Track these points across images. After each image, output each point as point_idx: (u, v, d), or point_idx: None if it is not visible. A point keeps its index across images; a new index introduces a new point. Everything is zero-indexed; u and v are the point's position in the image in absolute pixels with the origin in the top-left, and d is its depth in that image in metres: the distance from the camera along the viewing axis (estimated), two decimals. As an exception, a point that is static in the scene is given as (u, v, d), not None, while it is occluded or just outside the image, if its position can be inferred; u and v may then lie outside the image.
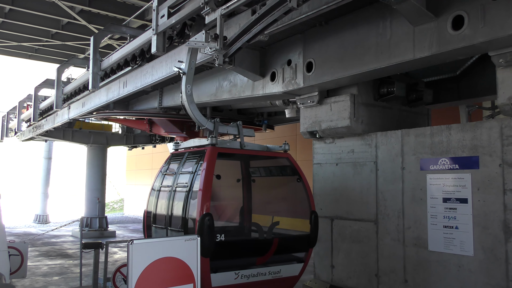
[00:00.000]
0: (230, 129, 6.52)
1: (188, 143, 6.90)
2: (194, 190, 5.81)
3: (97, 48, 9.88)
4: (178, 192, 6.18)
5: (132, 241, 4.50)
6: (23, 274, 7.57)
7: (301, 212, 6.81)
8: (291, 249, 6.65)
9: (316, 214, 6.46)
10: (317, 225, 6.47)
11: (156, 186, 6.86)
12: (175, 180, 6.38)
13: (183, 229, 5.85)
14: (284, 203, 7.56)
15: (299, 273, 6.47)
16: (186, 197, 5.92)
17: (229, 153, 6.51)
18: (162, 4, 6.69)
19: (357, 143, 6.66)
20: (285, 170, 7.09)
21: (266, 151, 6.69)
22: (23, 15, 15.77)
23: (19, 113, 20.00)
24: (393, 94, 6.70)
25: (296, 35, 6.64)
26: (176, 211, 6.10)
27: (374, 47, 5.52)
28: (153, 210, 6.76)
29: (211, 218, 5.42)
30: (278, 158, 6.81)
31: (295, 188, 6.95)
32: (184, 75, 6.42)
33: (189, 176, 6.06)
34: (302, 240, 6.54)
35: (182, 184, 6.15)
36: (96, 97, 11.89)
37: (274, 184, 7.77)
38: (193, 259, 4.82)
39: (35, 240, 16.26)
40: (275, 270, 6.16)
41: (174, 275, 4.71)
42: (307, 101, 6.95)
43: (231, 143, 6.46)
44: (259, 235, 6.70)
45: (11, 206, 33.60)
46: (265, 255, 6.16)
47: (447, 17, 4.75)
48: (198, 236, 4.95)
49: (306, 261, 6.49)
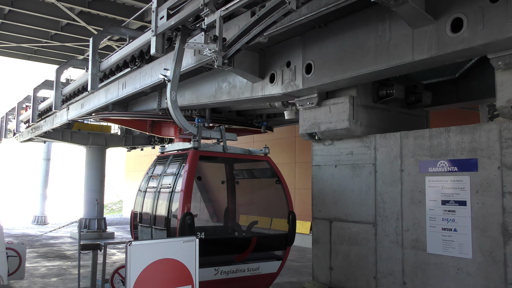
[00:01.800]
0: (213, 133, 6.85)
1: (172, 146, 7.26)
2: (176, 191, 6.12)
3: (96, 50, 9.88)
4: (162, 193, 6.48)
5: (131, 243, 4.50)
6: (21, 276, 7.57)
7: (280, 212, 7.10)
8: (270, 247, 6.99)
9: (293, 214, 6.81)
10: (295, 225, 6.82)
11: (142, 187, 7.19)
12: (159, 182, 6.69)
13: (166, 228, 6.14)
14: (264, 203, 7.91)
15: (277, 270, 6.78)
16: (169, 197, 6.23)
17: (212, 156, 6.83)
18: (161, 6, 6.69)
19: (356, 145, 6.66)
20: (266, 173, 7.44)
21: (247, 154, 7.00)
22: (22, 16, 15.76)
23: (18, 114, 19.98)
24: (392, 96, 6.70)
25: (295, 37, 6.65)
26: (160, 211, 6.44)
27: (373, 49, 5.53)
28: (139, 210, 7.09)
29: (191, 217, 5.79)
30: (258, 161, 7.18)
31: (274, 190, 7.24)
32: (169, 82, 6.82)
33: (172, 177, 6.36)
34: (280, 239, 6.83)
35: (166, 185, 6.46)
36: (95, 98, 11.89)
37: (255, 185, 8.13)
38: (191, 260, 4.82)
39: (33, 241, 16.22)
40: (253, 267, 6.49)
41: (172, 277, 4.70)
42: (306, 103, 6.95)
43: (214, 147, 6.77)
44: (238, 234, 7.14)
45: (10, 207, 33.55)
46: (244, 253, 6.47)
47: (446, 20, 4.75)
48: (196, 238, 4.94)
49: (284, 259, 6.78)
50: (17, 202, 39.96)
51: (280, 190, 6.95)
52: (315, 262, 7.17)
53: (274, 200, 7.50)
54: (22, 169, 56.77)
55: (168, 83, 6.90)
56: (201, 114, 10.52)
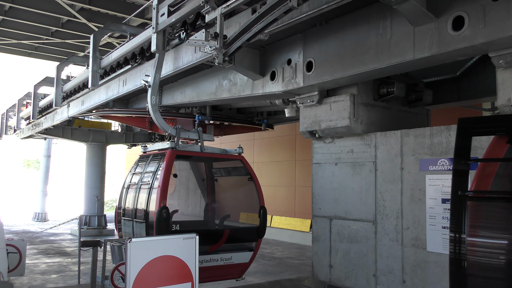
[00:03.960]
0: (191, 134, 7.46)
1: (153, 146, 7.85)
2: (154, 187, 6.72)
3: (97, 46, 9.87)
4: (142, 189, 7.10)
5: (131, 239, 4.50)
6: (21, 272, 7.56)
7: (252, 207, 7.78)
8: (242, 239, 7.61)
9: (264, 209, 7.47)
10: (265, 218, 7.49)
11: (126, 184, 7.78)
12: (140, 179, 7.32)
13: (145, 221, 6.80)
14: (238, 199, 8.65)
15: (249, 260, 7.44)
16: (148, 193, 6.85)
17: (189, 155, 7.48)
18: (162, 3, 6.68)
19: (357, 143, 6.65)
20: (239, 171, 8.05)
21: (221, 154, 7.65)
22: (23, 13, 15.76)
23: (19, 111, 20.00)
24: (393, 95, 6.69)
25: (296, 35, 6.63)
26: (140, 205, 7.07)
27: (374, 47, 5.52)
28: (122, 206, 7.69)
29: (167, 210, 6.40)
30: (233, 160, 7.84)
31: (248, 186, 7.89)
32: (150, 87, 7.41)
33: (151, 175, 6.97)
34: (252, 232, 7.49)
35: (146, 182, 7.07)
36: (96, 95, 11.88)
37: (230, 182, 8.79)
38: (191, 257, 4.82)
39: (33, 238, 16.25)
40: (226, 257, 7.08)
41: (172, 274, 4.71)
42: (307, 101, 6.94)
43: (192, 147, 7.36)
44: (211, 226, 8.00)
45: (10, 204, 33.58)
46: (217, 244, 7.13)
47: (447, 18, 4.74)
48: (196, 235, 4.95)
49: (255, 250, 7.48)
50: (18, 199, 39.99)
51: (253, 187, 7.58)
52: (315, 259, 7.18)
53: (247, 196, 8.11)
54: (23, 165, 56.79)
55: (148, 89, 7.44)
56: (202, 112, 10.52)
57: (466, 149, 3.07)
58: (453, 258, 2.80)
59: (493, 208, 2.91)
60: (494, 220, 2.87)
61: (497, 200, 2.89)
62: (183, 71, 8.00)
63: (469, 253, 2.73)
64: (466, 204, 2.89)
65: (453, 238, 2.83)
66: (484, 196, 2.90)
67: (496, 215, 2.88)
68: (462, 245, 2.78)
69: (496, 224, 2.84)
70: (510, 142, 2.92)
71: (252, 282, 9.23)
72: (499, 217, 2.85)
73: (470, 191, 2.91)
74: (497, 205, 2.89)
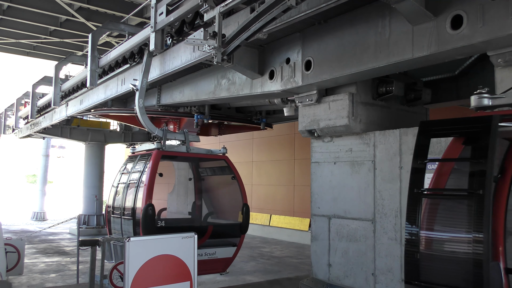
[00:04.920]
0: (177, 136, 7.88)
1: (141, 147, 8.24)
2: (141, 186, 7.08)
3: (95, 46, 9.85)
4: (130, 187, 7.46)
5: (129, 239, 4.50)
6: (20, 271, 7.56)
7: (235, 204, 8.16)
8: (225, 235, 7.98)
9: (247, 206, 7.85)
10: (248, 215, 7.84)
11: (115, 183, 8.15)
12: (128, 178, 7.68)
13: (132, 217, 7.15)
14: (222, 197, 9.08)
15: (233, 255, 7.77)
16: (135, 191, 7.21)
17: (174, 155, 7.87)
18: (160, 2, 6.67)
19: (355, 142, 6.65)
20: (224, 170, 8.45)
21: (206, 154, 8.06)
22: (21, 12, 15.72)
23: (17, 110, 19.96)
24: (392, 94, 6.69)
25: (295, 34, 6.63)
26: (127, 202, 7.42)
27: (373, 46, 5.52)
28: (111, 203, 8.06)
29: (152, 207, 6.76)
30: (217, 160, 8.26)
31: (231, 185, 8.30)
32: (137, 91, 7.86)
33: (138, 174, 7.33)
34: (235, 228, 7.90)
35: (133, 180, 7.42)
36: (94, 94, 11.86)
37: (215, 181, 9.18)
38: (190, 256, 4.82)
39: (32, 237, 16.24)
40: (210, 252, 7.36)
41: (171, 273, 4.71)
42: (306, 100, 6.94)
43: (178, 147, 7.74)
44: (196, 223, 8.38)
45: (9, 204, 33.53)
46: (201, 239, 7.35)
47: (446, 17, 4.74)
48: (195, 234, 4.95)
49: (238, 246, 7.81)
50: (16, 198, 39.95)
51: (236, 185, 8.01)
52: (314, 258, 7.18)
53: (231, 194, 8.50)
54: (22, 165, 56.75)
55: (136, 92, 7.89)
56: (201, 111, 10.51)
57: (424, 150, 3.23)
58: (408, 250, 2.98)
59: (445, 205, 3.06)
60: (445, 215, 3.02)
61: (447, 197, 3.07)
62: (182, 70, 7.99)
63: (422, 244, 2.94)
64: (421, 200, 3.06)
65: (409, 232, 3.03)
66: (435, 194, 3.09)
67: (447, 211, 3.03)
68: (416, 237, 2.96)
69: (446, 219, 3.00)
70: (465, 143, 3.08)
71: (251, 281, 9.24)
72: (450, 213, 3.00)
73: (424, 189, 3.08)
74: (448, 201, 3.06)
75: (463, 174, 2.97)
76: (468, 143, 3.07)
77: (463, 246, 2.80)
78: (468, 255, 2.73)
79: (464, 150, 3.08)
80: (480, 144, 2.90)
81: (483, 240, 2.68)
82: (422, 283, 2.87)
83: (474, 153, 2.94)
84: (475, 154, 2.91)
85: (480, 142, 2.92)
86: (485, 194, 2.74)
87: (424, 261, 2.90)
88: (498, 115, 3.02)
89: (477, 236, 2.71)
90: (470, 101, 3.31)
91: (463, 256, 2.79)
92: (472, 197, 2.80)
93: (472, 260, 2.71)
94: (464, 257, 2.77)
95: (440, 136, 3.89)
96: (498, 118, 2.99)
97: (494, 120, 2.93)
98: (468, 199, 2.85)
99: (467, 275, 2.73)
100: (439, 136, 4.00)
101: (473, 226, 2.75)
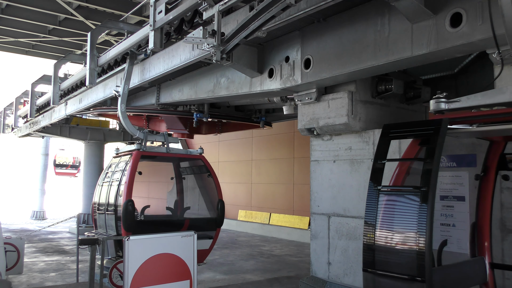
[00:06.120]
0: (158, 137, 8.46)
1: (123, 148, 8.82)
2: (122, 183, 7.66)
3: (94, 44, 9.84)
4: (113, 185, 8.05)
5: (129, 237, 4.50)
6: (20, 270, 7.57)
7: (211, 200, 8.85)
8: (202, 228, 8.41)
9: (222, 202, 8.39)
10: (223, 210, 8.38)
11: (100, 182, 8.77)
12: (111, 177, 8.29)
13: (114, 212, 7.74)
14: (199, 193, 9.61)
15: (209, 247, 8.28)
16: (117, 188, 7.81)
17: (154, 155, 8.55)
18: (159, 0, 6.66)
19: (355, 140, 6.65)
20: (201, 169, 9.01)
21: (183, 154, 8.71)
22: (20, 10, 15.69)
23: (16, 109, 19.93)
24: (391, 92, 6.69)
25: (294, 32, 6.62)
26: (110, 199, 8.02)
27: (372, 44, 5.51)
28: (97, 201, 8.66)
29: (132, 203, 7.31)
30: (195, 159, 8.84)
31: (208, 182, 9.00)
32: (120, 96, 8.61)
33: (120, 173, 7.93)
34: (211, 222, 8.46)
35: (115, 179, 8.03)
36: (93, 93, 11.85)
37: (192, 179, 9.73)
38: (189, 255, 4.82)
39: (31, 236, 16.24)
40: None
41: (170, 271, 4.71)
42: (305, 98, 6.93)
43: (158, 148, 8.48)
44: (174, 217, 9.07)
45: (9, 203, 33.52)
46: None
47: (445, 15, 4.73)
48: (194, 233, 4.95)
49: (214, 239, 8.34)
50: (16, 197, 39.94)
51: (212, 183, 8.64)
52: (314, 257, 7.18)
53: (208, 190, 9.16)
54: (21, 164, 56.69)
55: (119, 98, 8.61)
56: (200, 109, 10.49)
57: (384, 150, 3.53)
58: (365, 242, 3.31)
59: (397, 200, 3.36)
60: (396, 210, 3.33)
61: (399, 194, 3.36)
62: (181, 69, 7.99)
63: (377, 237, 3.26)
64: (378, 196, 3.35)
65: (367, 225, 3.33)
66: (389, 190, 3.38)
67: (398, 206, 3.34)
68: (372, 230, 3.28)
69: (397, 214, 3.30)
70: (421, 144, 3.37)
71: (250, 280, 9.24)
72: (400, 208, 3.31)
73: (382, 186, 3.38)
74: (400, 198, 3.35)
75: (418, 172, 3.23)
76: (422, 144, 3.36)
77: (410, 238, 3.10)
78: (413, 246, 3.04)
79: (420, 150, 3.37)
80: (430, 145, 3.18)
81: (425, 232, 2.97)
82: (377, 271, 3.21)
83: (425, 153, 3.22)
84: (426, 154, 3.20)
85: (430, 143, 3.19)
86: (429, 190, 3.03)
87: (378, 251, 3.23)
88: (447, 119, 3.29)
89: (420, 229, 3.00)
90: (430, 105, 3.51)
91: (409, 247, 3.10)
92: (419, 193, 3.10)
93: (416, 251, 3.01)
94: (410, 248, 3.08)
95: (399, 138, 4.24)
96: (447, 121, 3.27)
97: (444, 123, 3.22)
98: (415, 195, 3.15)
99: (413, 264, 3.05)
100: (398, 138, 4.34)
101: (418, 220, 3.04)
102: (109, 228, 8.09)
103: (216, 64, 7.51)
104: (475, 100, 3.28)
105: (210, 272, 10.00)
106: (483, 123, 3.48)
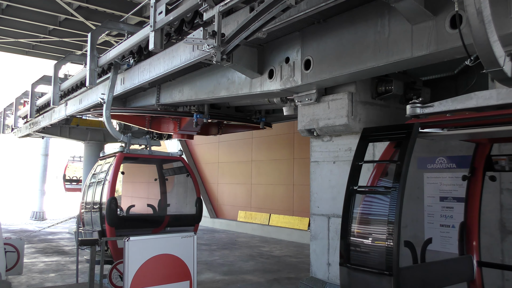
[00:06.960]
0: (141, 141, 9.11)
1: (108, 150, 9.46)
2: (106, 183, 8.20)
3: (94, 45, 9.84)
4: (98, 185, 8.62)
5: (129, 238, 4.50)
6: (19, 271, 7.56)
7: (190, 198, 9.41)
8: (181, 224, 9.06)
9: (200, 200, 9.05)
10: (201, 207, 9.01)
11: (87, 182, 9.40)
12: (96, 177, 8.89)
13: (99, 210, 8.23)
14: (179, 192, 10.36)
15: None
16: (101, 188, 8.34)
17: (136, 157, 9.13)
18: (160, 1, 6.66)
19: (355, 141, 6.61)
20: (181, 169, 9.68)
21: (164, 156, 9.33)
22: (20, 11, 15.70)
23: (16, 110, 19.92)
24: (391, 93, 6.69)
25: (294, 33, 6.62)
26: (96, 198, 8.54)
27: (372, 45, 5.51)
28: (84, 200, 9.25)
29: (115, 200, 7.86)
30: (175, 161, 9.46)
31: (187, 182, 9.62)
32: (105, 103, 9.32)
33: (105, 173, 8.46)
34: (189, 218, 9.05)
35: (100, 179, 8.60)
36: (94, 93, 11.85)
37: (172, 179, 10.43)
38: (189, 256, 4.82)
39: (31, 237, 16.23)
40: None
41: (170, 272, 4.71)
42: (305, 99, 6.94)
43: (141, 151, 9.01)
44: (154, 213, 9.81)
45: (8, 203, 33.51)
46: (159, 227, 8.98)
47: (445, 16, 4.74)
48: (194, 233, 4.95)
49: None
50: (16, 198, 39.92)
51: (191, 182, 9.27)
52: (313, 258, 7.18)
53: (187, 189, 9.79)
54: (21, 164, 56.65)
55: (104, 104, 9.29)
56: (200, 110, 10.50)
57: (362, 153, 3.70)
58: (342, 238, 3.52)
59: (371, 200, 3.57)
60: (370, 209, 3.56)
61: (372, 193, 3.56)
62: (181, 70, 7.99)
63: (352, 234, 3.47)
64: (355, 196, 3.55)
65: (344, 223, 3.53)
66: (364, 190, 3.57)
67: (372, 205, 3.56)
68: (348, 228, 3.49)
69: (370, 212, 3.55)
70: (396, 147, 3.55)
71: (250, 281, 9.24)
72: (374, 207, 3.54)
73: (358, 186, 3.57)
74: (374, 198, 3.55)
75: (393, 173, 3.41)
76: (397, 146, 3.54)
77: (380, 235, 3.30)
78: (383, 242, 3.25)
79: (395, 153, 3.55)
80: (402, 148, 3.38)
81: (393, 230, 3.17)
82: (352, 266, 3.41)
83: (398, 156, 3.41)
84: (398, 156, 3.39)
85: (402, 145, 3.39)
86: (398, 190, 3.22)
87: (353, 247, 3.45)
88: (419, 123, 3.47)
89: (390, 226, 3.20)
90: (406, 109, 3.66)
91: (380, 243, 3.31)
92: (389, 193, 3.31)
93: (385, 247, 3.20)
94: (380, 244, 3.29)
95: (376, 141, 4.53)
96: (419, 125, 3.45)
97: (415, 127, 3.41)
98: (385, 195, 3.36)
99: (382, 259, 3.24)
100: (375, 141, 4.63)
101: (388, 218, 3.24)
102: (94, 225, 8.61)
103: (216, 65, 7.51)
104: (447, 105, 3.45)
105: (210, 272, 10.01)
106: (454, 127, 3.66)
